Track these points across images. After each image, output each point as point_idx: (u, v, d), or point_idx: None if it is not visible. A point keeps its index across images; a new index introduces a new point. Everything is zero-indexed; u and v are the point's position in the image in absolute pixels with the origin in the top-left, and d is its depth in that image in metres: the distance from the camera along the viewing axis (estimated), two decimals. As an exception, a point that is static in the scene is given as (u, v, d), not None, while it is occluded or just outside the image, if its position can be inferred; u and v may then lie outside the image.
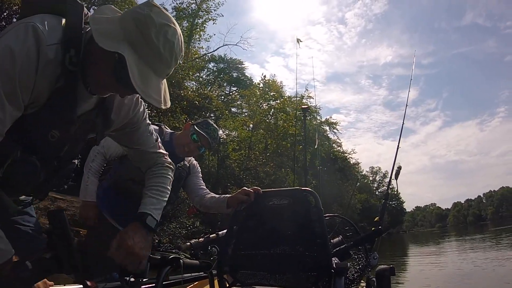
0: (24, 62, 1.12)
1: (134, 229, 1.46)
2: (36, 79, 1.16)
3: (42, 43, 1.14)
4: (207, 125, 2.74)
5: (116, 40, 1.17)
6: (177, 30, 1.25)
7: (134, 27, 1.18)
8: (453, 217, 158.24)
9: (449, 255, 18.79)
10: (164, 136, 2.70)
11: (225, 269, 2.02)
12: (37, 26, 1.15)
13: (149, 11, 1.19)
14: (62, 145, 1.40)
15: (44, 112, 1.25)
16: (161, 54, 1.21)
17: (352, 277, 2.07)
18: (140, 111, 1.60)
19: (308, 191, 2.00)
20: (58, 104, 1.26)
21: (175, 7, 25.27)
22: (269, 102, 28.79)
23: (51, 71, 1.19)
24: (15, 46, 1.11)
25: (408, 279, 12.01)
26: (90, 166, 2.64)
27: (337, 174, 44.28)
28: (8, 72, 1.11)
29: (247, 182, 22.81)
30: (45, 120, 1.27)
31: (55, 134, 1.32)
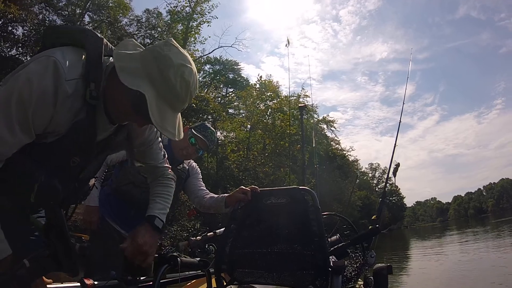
0: (40, 96, 1.20)
1: (144, 229, 1.62)
2: (55, 112, 1.25)
3: (61, 78, 1.23)
4: (205, 128, 2.80)
5: (138, 77, 1.27)
6: (192, 70, 1.35)
7: (154, 66, 1.28)
8: (454, 210, 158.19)
9: (450, 250, 18.81)
10: (162, 140, 2.72)
11: (223, 268, 2.03)
12: (58, 62, 1.23)
13: (168, 51, 1.30)
14: (82, 169, 1.52)
15: (66, 141, 1.34)
16: (178, 92, 1.32)
17: (350, 275, 2.09)
18: (154, 131, 1.72)
19: (305, 190, 2.01)
20: (79, 134, 1.35)
21: (170, 11, 25.24)
22: (266, 102, 28.79)
23: (71, 105, 1.28)
24: (34, 79, 1.19)
25: (409, 275, 12.05)
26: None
27: (336, 172, 44.29)
28: (24, 102, 1.19)
29: (247, 182, 22.80)
30: (67, 148, 1.37)
31: (76, 160, 1.43)
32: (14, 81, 1.22)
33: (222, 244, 2.12)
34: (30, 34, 19.56)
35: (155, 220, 1.68)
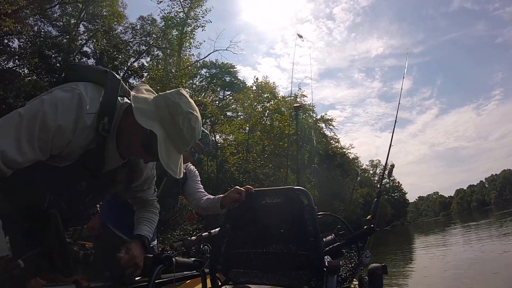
0: (63, 123, 1.35)
1: (137, 244, 1.72)
2: (72, 139, 1.40)
3: (83, 111, 1.39)
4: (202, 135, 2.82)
5: (151, 119, 1.44)
6: (198, 118, 1.54)
7: (166, 111, 1.46)
8: (457, 204, 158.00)
9: (454, 244, 18.76)
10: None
11: (218, 268, 2.04)
12: (82, 95, 1.39)
13: (179, 99, 1.49)
14: (88, 194, 1.64)
15: (76, 166, 1.48)
16: (184, 136, 1.50)
17: (345, 275, 2.09)
18: (154, 170, 1.91)
19: (300, 190, 2.02)
20: (88, 161, 1.49)
21: (164, 17, 25.24)
22: (263, 103, 28.77)
23: (86, 135, 1.43)
24: (60, 106, 1.34)
25: (413, 271, 12.02)
26: None
27: (337, 170, 44.25)
28: (47, 125, 1.32)
29: (247, 184, 22.66)
30: (76, 173, 1.50)
31: (83, 184, 1.56)
32: (40, 103, 1.34)
33: (217, 244, 2.14)
34: (26, 46, 19.63)
35: (145, 241, 1.79)
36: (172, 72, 21.99)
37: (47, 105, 1.33)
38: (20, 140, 1.29)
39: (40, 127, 1.31)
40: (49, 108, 1.33)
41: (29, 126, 1.30)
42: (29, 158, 1.33)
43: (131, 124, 1.47)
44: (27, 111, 1.32)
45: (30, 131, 1.30)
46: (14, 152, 1.28)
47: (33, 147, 1.32)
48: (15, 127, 1.29)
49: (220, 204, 2.41)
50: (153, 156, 1.50)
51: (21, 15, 18.26)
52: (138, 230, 1.84)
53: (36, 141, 1.32)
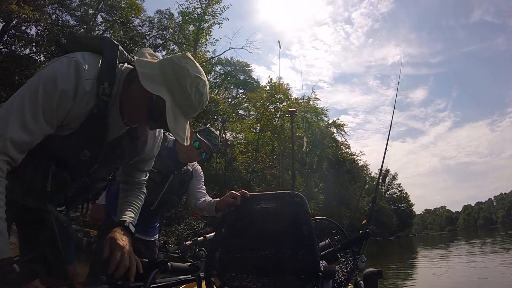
0: (64, 90, 1.34)
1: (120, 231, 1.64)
2: (73, 106, 1.38)
3: (82, 76, 1.37)
4: (209, 133, 2.90)
5: (157, 84, 1.39)
6: (206, 83, 1.50)
7: (172, 75, 1.41)
8: (463, 220, 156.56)
9: (457, 260, 18.58)
10: (168, 143, 2.84)
11: (213, 272, 2.01)
12: (80, 62, 1.38)
13: (185, 63, 1.44)
14: (92, 164, 1.59)
15: (78, 134, 1.45)
16: (192, 101, 1.46)
17: (340, 280, 2.07)
18: (156, 151, 1.90)
19: (296, 195, 2.00)
20: (91, 128, 1.46)
21: (181, 12, 25.39)
22: (276, 104, 28.78)
23: (86, 101, 1.40)
24: (59, 75, 1.34)
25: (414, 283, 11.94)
26: None
27: (345, 176, 44.11)
28: (49, 96, 1.32)
29: (254, 184, 22.81)
30: (78, 141, 1.47)
31: (86, 154, 1.51)
32: (38, 77, 1.35)
33: (212, 249, 2.11)
34: (44, 33, 19.92)
35: (129, 226, 1.72)
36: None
37: (45, 77, 1.34)
38: (26, 120, 1.29)
39: (43, 98, 1.31)
40: (48, 79, 1.33)
41: (32, 103, 1.31)
42: (38, 136, 1.35)
43: (135, 90, 1.45)
44: (26, 89, 1.34)
45: (34, 107, 1.31)
46: (22, 135, 1.29)
47: (40, 123, 1.32)
48: (18, 108, 1.30)
49: (216, 208, 2.42)
50: (158, 122, 1.49)
51: (39, 3, 18.56)
52: (123, 215, 1.77)
53: (42, 115, 1.32)
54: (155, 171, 2.66)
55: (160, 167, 2.70)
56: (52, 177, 1.47)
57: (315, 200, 28.92)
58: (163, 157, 2.73)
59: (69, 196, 1.65)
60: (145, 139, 1.74)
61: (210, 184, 19.99)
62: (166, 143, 2.81)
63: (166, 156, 2.77)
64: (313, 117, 36.27)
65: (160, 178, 2.75)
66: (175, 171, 2.84)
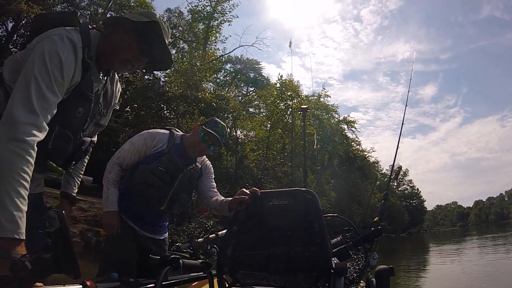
0: (67, 61, 1.53)
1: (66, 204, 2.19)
2: (74, 73, 1.59)
3: (77, 45, 1.58)
4: (215, 124, 2.83)
5: (143, 19, 1.71)
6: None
7: (144, 17, 1.73)
8: (475, 215, 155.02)
9: (470, 256, 18.39)
10: (175, 139, 2.82)
11: (225, 270, 2.02)
12: (70, 35, 1.57)
13: (147, 10, 1.97)
14: (86, 119, 1.81)
15: (74, 95, 1.67)
16: (165, 30, 1.78)
17: (352, 277, 2.07)
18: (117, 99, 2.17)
19: (307, 192, 1.99)
20: (83, 88, 1.70)
21: (191, 10, 25.43)
22: (286, 101, 28.67)
23: (79, 67, 1.62)
24: (60, 49, 1.51)
25: (426, 280, 11.85)
26: (108, 178, 2.73)
27: (357, 173, 43.85)
28: (58, 69, 1.50)
29: (265, 182, 22.77)
30: (74, 100, 1.68)
31: (80, 111, 1.74)
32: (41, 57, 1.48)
33: (224, 246, 2.12)
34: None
35: (73, 198, 2.21)
36: (197, 66, 22.13)
37: (47, 54, 1.48)
38: (45, 96, 1.45)
39: (54, 72, 1.48)
40: (52, 55, 1.49)
41: (46, 79, 1.46)
42: (55, 107, 1.50)
43: (118, 38, 1.73)
44: (36, 70, 1.45)
45: (49, 83, 1.46)
46: (46, 108, 1.45)
47: (56, 95, 1.49)
48: (36, 87, 1.43)
49: (228, 207, 2.39)
50: (148, 55, 1.78)
51: (48, 2, 18.69)
52: (68, 187, 2.21)
53: (56, 88, 1.49)
54: (163, 170, 2.68)
55: (169, 166, 2.70)
56: (56, 136, 1.65)
57: (327, 197, 28.80)
58: (171, 155, 2.73)
59: (67, 154, 1.83)
60: (111, 91, 2.03)
61: (221, 182, 20.01)
62: (173, 139, 2.81)
63: (174, 153, 2.76)
64: (324, 114, 36.08)
65: (169, 178, 2.73)
66: (184, 169, 2.80)
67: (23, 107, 1.38)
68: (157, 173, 2.68)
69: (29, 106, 1.39)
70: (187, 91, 19.89)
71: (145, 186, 2.66)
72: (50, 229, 1.26)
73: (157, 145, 2.76)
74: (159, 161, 2.70)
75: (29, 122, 1.38)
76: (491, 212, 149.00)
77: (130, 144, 2.78)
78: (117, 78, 2.09)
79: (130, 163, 2.76)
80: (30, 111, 1.39)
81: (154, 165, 2.69)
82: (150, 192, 2.69)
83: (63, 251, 1.25)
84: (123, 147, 2.81)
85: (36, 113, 1.40)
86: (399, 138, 2.57)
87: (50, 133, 1.55)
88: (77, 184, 2.27)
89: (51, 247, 1.27)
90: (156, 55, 1.81)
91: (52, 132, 1.59)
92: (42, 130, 1.43)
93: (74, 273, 1.31)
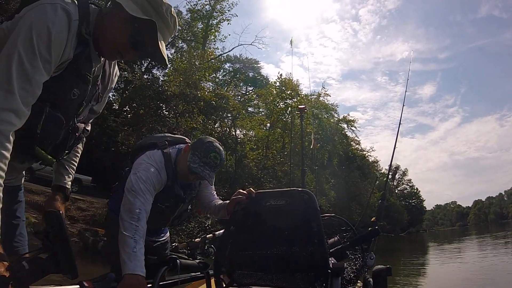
0: (58, 35, 1.36)
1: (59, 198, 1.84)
2: (65, 48, 1.42)
3: (71, 18, 1.41)
4: (206, 152, 2.20)
5: (140, 13, 1.51)
6: (173, 8, 1.64)
7: (148, 5, 1.54)
8: (474, 215, 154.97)
9: (469, 256, 18.40)
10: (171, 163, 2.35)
11: (222, 270, 2.01)
12: (65, 6, 1.40)
13: None
14: (81, 103, 1.64)
15: (68, 74, 1.50)
16: (169, 25, 1.62)
17: (349, 277, 2.07)
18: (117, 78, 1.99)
19: (304, 192, 1.99)
20: (78, 66, 1.53)
21: (190, 9, 25.44)
22: (285, 101, 28.67)
23: (74, 41, 1.46)
24: (50, 21, 1.34)
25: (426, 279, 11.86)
26: (137, 227, 1.91)
27: (356, 173, 43.85)
28: (46, 44, 1.33)
29: (265, 181, 22.77)
30: (68, 80, 1.51)
31: (76, 92, 1.56)
32: (28, 27, 1.31)
33: (221, 246, 2.11)
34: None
35: (66, 191, 1.89)
36: (196, 65, 22.13)
37: (36, 26, 1.32)
38: (28, 74, 1.29)
39: (39, 48, 1.31)
40: (40, 27, 1.32)
41: (29, 55, 1.30)
42: (40, 86, 1.35)
43: (115, 24, 1.55)
44: (20, 44, 1.30)
45: (33, 59, 1.30)
46: (27, 89, 1.29)
47: (41, 73, 1.34)
48: (18, 63, 1.28)
49: (227, 211, 2.26)
50: (139, 50, 1.61)
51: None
52: (61, 179, 1.91)
53: (41, 65, 1.33)
54: (163, 207, 2.32)
55: (169, 201, 2.35)
56: (47, 119, 1.47)
57: (326, 197, 28.81)
58: (171, 189, 2.32)
59: (57, 142, 1.62)
60: (109, 74, 1.85)
61: (221, 181, 19.99)
62: (170, 164, 2.29)
63: (174, 185, 2.32)
64: (323, 113, 36.07)
65: (170, 211, 2.42)
66: (185, 198, 2.42)
67: (1, 89, 1.24)
68: (157, 210, 2.25)
69: (7, 87, 1.25)
70: (186, 90, 19.87)
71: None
72: (48, 229, 1.25)
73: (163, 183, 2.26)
74: (158, 197, 2.20)
75: (5, 107, 1.24)
76: (490, 212, 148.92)
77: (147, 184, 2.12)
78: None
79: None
80: (8, 93, 1.25)
81: (153, 202, 2.14)
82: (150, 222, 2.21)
83: (61, 252, 1.25)
84: (141, 187, 2.08)
85: (15, 96, 1.25)
86: (396, 138, 2.56)
87: (40, 114, 1.43)
88: (71, 175, 1.94)
89: (49, 248, 1.26)
90: (150, 51, 1.62)
91: (42, 113, 1.44)
92: (20, 116, 1.29)
93: (72, 274, 1.31)
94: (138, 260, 1.77)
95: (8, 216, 1.66)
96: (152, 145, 2.39)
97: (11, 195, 1.75)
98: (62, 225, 1.25)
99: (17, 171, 1.70)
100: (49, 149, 1.60)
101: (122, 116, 21.26)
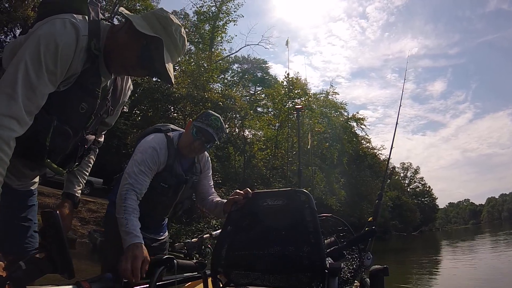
0: (65, 48, 1.40)
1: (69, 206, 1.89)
2: (72, 62, 1.45)
3: (80, 33, 1.44)
4: (207, 116, 2.47)
5: (148, 31, 1.53)
6: (183, 30, 1.67)
7: (157, 23, 1.57)
8: (487, 213, 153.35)
9: (482, 255, 18.15)
10: (173, 144, 2.53)
11: (219, 270, 2.01)
12: (74, 20, 1.44)
13: (166, 13, 1.62)
14: (89, 117, 1.67)
15: (76, 88, 1.53)
16: (178, 45, 1.64)
17: (346, 277, 2.06)
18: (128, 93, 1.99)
19: (301, 192, 1.99)
20: (87, 81, 1.56)
21: (196, 11, 25.56)
22: (293, 100, 28.60)
23: (82, 56, 1.48)
24: (58, 35, 1.38)
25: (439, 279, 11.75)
26: (124, 207, 2.07)
27: (367, 171, 43.62)
28: (52, 56, 1.37)
29: (274, 181, 22.75)
30: (76, 94, 1.55)
31: (84, 107, 1.60)
32: (37, 40, 1.36)
33: (218, 246, 2.11)
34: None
35: (75, 199, 1.92)
36: (204, 66, 22.21)
37: (44, 38, 1.37)
38: (32, 84, 1.34)
39: (46, 60, 1.36)
40: (48, 40, 1.36)
41: (36, 66, 1.34)
42: (45, 97, 1.40)
43: (124, 40, 1.57)
44: (27, 54, 1.35)
45: (39, 70, 1.35)
46: (31, 99, 1.34)
47: (46, 84, 1.38)
48: (23, 74, 1.32)
49: (223, 210, 2.31)
50: (146, 68, 1.62)
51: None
52: (71, 187, 1.94)
53: (46, 77, 1.37)
54: (165, 186, 2.47)
55: (171, 181, 2.49)
56: (55, 131, 1.52)
57: (337, 196, 28.69)
58: (173, 168, 2.48)
59: (65, 153, 1.68)
60: (121, 87, 1.87)
61: (229, 181, 20.04)
62: (172, 145, 2.47)
63: (175, 164, 2.49)
64: (332, 111, 35.96)
65: (173, 191, 2.53)
66: (187, 179, 2.56)
67: (4, 96, 1.29)
68: (159, 189, 2.45)
69: (11, 94, 1.29)
70: (194, 92, 19.97)
71: (147, 202, 2.36)
72: (45, 229, 1.27)
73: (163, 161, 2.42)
74: (161, 176, 2.41)
75: (7, 113, 1.28)
76: (504, 209, 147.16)
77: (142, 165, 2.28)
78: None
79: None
80: (12, 99, 1.28)
81: (156, 182, 2.38)
82: (153, 207, 2.50)
83: (57, 251, 1.26)
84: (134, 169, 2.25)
85: (18, 103, 1.29)
86: (393, 139, 2.55)
87: (48, 128, 1.48)
88: (81, 184, 1.98)
89: (45, 247, 1.27)
90: (157, 69, 1.59)
91: (50, 127, 1.49)
92: (22, 124, 1.32)
93: (69, 273, 1.31)
94: (132, 233, 1.95)
95: (18, 219, 1.80)
96: (156, 130, 2.60)
97: (22, 199, 1.82)
98: (59, 224, 1.25)
99: (27, 177, 1.77)
100: (58, 161, 1.66)
101: (132, 118, 21.46)
